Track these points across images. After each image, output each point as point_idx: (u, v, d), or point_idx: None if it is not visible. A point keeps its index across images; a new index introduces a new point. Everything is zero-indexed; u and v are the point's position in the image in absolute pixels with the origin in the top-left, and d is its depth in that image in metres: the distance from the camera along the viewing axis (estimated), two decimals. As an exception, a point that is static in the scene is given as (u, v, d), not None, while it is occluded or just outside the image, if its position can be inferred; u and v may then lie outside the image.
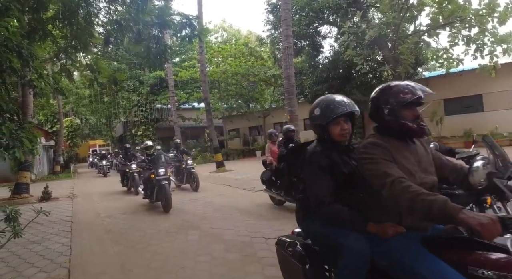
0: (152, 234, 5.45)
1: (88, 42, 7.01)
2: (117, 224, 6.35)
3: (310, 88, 18.12)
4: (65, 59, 7.91)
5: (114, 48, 9.02)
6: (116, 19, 6.87)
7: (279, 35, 16.29)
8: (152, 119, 26.59)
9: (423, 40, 12.94)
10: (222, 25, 36.24)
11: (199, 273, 3.68)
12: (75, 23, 6.38)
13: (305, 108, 21.50)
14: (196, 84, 24.77)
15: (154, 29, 6.68)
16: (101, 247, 4.94)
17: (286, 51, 10.77)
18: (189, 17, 6.73)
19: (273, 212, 6.34)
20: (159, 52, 6.91)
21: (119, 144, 34.17)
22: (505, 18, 10.13)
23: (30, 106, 10.15)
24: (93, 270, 3.98)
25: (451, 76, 15.37)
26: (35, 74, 5.11)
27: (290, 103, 10.85)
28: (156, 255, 4.38)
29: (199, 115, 25.61)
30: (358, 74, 15.55)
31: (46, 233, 5.64)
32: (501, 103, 14.74)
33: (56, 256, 4.43)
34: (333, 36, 18.50)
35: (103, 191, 12.08)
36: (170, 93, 20.79)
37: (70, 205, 8.66)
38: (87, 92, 25.30)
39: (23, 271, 3.95)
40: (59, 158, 21.78)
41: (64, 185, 13.84)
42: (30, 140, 4.15)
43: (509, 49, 10.57)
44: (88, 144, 43.80)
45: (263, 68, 22.14)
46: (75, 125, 27.01)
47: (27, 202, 8.87)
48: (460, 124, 15.29)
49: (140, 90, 25.88)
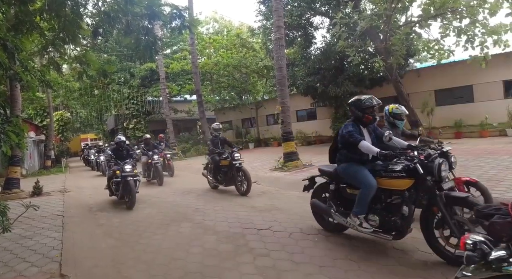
0: (144, 227, 5.45)
1: (76, 34, 6.87)
2: (109, 218, 6.33)
3: (302, 80, 18.09)
4: (53, 51, 7.76)
5: (103, 40, 8.86)
6: (105, 10, 6.74)
7: (271, 26, 16.18)
8: (144, 112, 26.35)
9: (415, 31, 12.97)
10: (213, 16, 35.84)
11: (191, 264, 3.69)
12: (63, 14, 6.24)
13: (297, 100, 21.55)
14: (188, 76, 24.55)
15: (144, 20, 6.57)
16: (92, 241, 4.93)
17: (277, 42, 10.73)
18: (179, 8, 6.62)
19: (265, 203, 6.37)
20: (149, 44, 6.80)
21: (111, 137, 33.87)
22: (495, 9, 10.17)
23: (18, 100, 9.97)
24: (85, 264, 3.97)
25: (442, 67, 15.47)
26: (20, 67, 5.00)
27: (282, 94, 10.85)
28: (148, 247, 4.39)
29: (191, 107, 25.46)
30: (350, 65, 15.54)
31: (38, 228, 5.60)
32: (491, 94, 14.89)
33: (47, 250, 4.40)
34: (325, 27, 18.44)
35: (95, 185, 12.00)
36: (162, 86, 20.61)
37: (62, 199, 8.59)
38: (77, 85, 24.86)
39: (15, 266, 3.93)
40: (50, 153, 21.52)
41: (56, 180, 13.72)
42: (17, 134, 4.09)
43: (499, 40, 10.63)
44: (80, 138, 43.42)
45: (255, 59, 22.01)
46: (66, 119, 26.68)
47: (18, 197, 8.77)
48: (450, 114, 15.44)
49: (131, 82, 25.59)
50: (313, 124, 22.18)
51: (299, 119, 23.49)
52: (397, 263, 3.31)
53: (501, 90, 14.77)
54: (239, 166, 7.49)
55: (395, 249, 3.64)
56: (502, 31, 10.39)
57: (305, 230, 4.52)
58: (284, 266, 3.46)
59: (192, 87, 22.02)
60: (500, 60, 13.85)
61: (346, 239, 4.09)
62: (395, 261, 3.36)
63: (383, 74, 16.05)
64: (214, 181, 8.25)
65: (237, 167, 7.47)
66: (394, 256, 3.47)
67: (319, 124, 21.67)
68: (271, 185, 8.38)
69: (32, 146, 19.72)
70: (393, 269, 3.18)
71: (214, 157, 8.10)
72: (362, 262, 3.40)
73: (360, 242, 3.94)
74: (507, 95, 14.66)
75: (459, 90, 15.97)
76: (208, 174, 8.55)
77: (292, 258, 3.63)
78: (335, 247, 3.85)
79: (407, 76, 16.67)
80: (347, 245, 3.91)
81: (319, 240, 4.14)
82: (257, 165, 12.08)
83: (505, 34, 10.45)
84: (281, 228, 4.70)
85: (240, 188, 7.50)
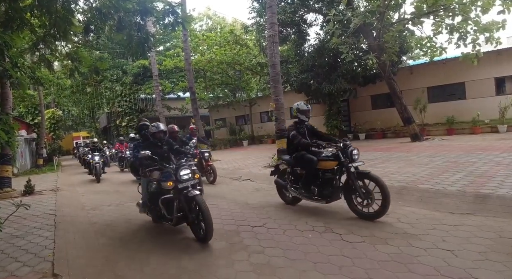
0: (137, 225, 5.42)
1: (67, 31, 6.77)
2: (102, 216, 6.29)
3: (296, 77, 18.10)
4: (44, 48, 7.64)
5: (95, 36, 8.73)
6: (96, 6, 6.65)
7: (264, 22, 16.15)
8: (137, 110, 26.17)
9: (407, 29, 13.04)
10: (206, 13, 35.66)
11: (186, 262, 3.68)
12: (54, 11, 6.15)
13: (291, 97, 21.61)
14: (181, 73, 24.41)
15: (136, 17, 6.49)
16: (85, 240, 4.89)
17: (271, 39, 10.69)
18: (172, 4, 6.55)
19: (259, 200, 6.37)
20: (141, 41, 6.72)
21: (103, 135, 33.58)
22: (488, 6, 10.25)
23: (9, 98, 9.84)
24: (78, 263, 3.93)
25: (435, 64, 15.59)
26: (9, 64, 4.91)
27: (276, 91, 10.84)
28: (141, 246, 4.36)
29: (184, 105, 25.33)
30: (344, 62, 15.58)
31: (30, 227, 5.53)
32: (483, 91, 15.05)
33: (39, 249, 4.35)
34: (319, 24, 18.46)
35: (87, 183, 11.91)
36: (155, 83, 20.44)
37: (54, 198, 8.49)
38: (69, 82, 24.58)
39: (7, 266, 3.87)
40: (42, 151, 21.26)
41: (48, 178, 13.58)
42: (7, 132, 4.02)
43: (491, 38, 10.72)
44: (72, 136, 42.98)
45: (248, 56, 21.95)
46: (58, 116, 26.36)
47: (9, 197, 8.65)
48: (443, 111, 15.59)
49: (123, 80, 25.37)
50: (307, 121, 22.20)
51: (292, 116, 23.51)
52: (390, 259, 3.33)
53: (492, 87, 14.94)
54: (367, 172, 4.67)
55: (388, 245, 3.66)
56: (494, 28, 10.48)
57: (299, 227, 4.52)
58: (279, 263, 3.46)
59: (186, 84, 21.90)
60: (492, 57, 14.00)
61: (340, 235, 4.10)
62: (389, 257, 3.38)
63: (376, 71, 16.13)
64: (308, 194, 5.17)
65: (365, 174, 4.64)
66: (388, 253, 3.49)
67: (313, 121, 21.49)
68: (265, 182, 8.38)
69: (24, 144, 19.47)
70: (386, 265, 3.20)
71: (307, 157, 5.05)
72: (356, 258, 3.41)
73: (355, 238, 3.96)
74: (499, 92, 14.84)
75: (452, 87, 16.13)
76: (289, 184, 5.64)
77: (287, 255, 3.63)
78: (329, 244, 3.87)
79: (400, 73, 16.78)
80: (341, 241, 3.92)
81: (313, 236, 4.15)
82: (251, 162, 12.07)
83: (497, 31, 10.53)
84: (275, 225, 4.71)
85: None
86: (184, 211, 4.38)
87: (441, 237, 3.78)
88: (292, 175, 5.64)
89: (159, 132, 5.23)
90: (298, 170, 5.45)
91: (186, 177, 4.46)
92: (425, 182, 6.05)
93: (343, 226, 4.43)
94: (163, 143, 5.31)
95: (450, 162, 7.81)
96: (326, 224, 4.55)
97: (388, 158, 9.47)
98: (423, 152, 10.00)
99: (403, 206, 5.14)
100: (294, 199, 5.75)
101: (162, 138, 5.31)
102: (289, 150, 5.60)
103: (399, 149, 11.35)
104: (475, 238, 3.65)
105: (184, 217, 4.43)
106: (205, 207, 4.14)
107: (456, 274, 2.91)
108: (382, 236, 3.93)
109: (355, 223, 4.50)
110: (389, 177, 6.79)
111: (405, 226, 4.25)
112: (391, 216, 4.62)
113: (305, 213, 5.23)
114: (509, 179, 5.53)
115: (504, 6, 9.76)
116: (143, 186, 5.27)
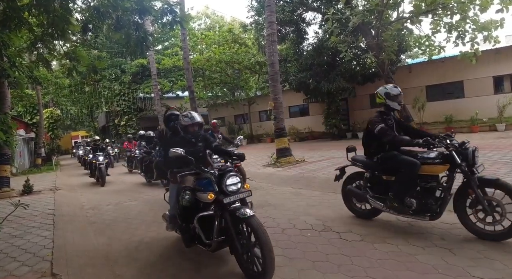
0: (136, 224, 5.42)
1: (65, 30, 6.75)
2: (101, 216, 6.28)
3: (295, 76, 18.11)
4: (42, 48, 7.62)
5: (93, 35, 8.71)
6: (94, 5, 6.64)
7: (263, 21, 16.12)
8: (136, 109, 26.09)
9: (406, 27, 13.04)
10: (205, 12, 35.61)
11: (185, 262, 3.68)
12: (52, 10, 6.13)
13: (290, 96, 21.55)
14: (180, 72, 24.34)
15: (134, 16, 6.48)
16: (84, 239, 4.88)
17: (270, 38, 10.69)
18: (170, 2, 6.55)
19: (259, 199, 6.37)
20: (139, 39, 6.71)
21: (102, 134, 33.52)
22: (486, 5, 10.25)
23: (7, 98, 9.81)
24: (77, 262, 3.93)
25: (433, 63, 15.61)
26: (7, 63, 4.90)
27: (275, 90, 10.83)
28: (141, 245, 4.36)
29: (183, 104, 25.29)
30: (342, 61, 15.58)
31: (28, 227, 5.52)
32: (481, 90, 15.08)
33: (38, 249, 4.34)
34: (318, 23, 18.44)
35: (86, 183, 11.89)
36: (153, 82, 20.41)
37: (53, 197, 8.48)
38: (67, 82, 24.51)
39: (5, 266, 3.87)
40: (41, 151, 21.22)
41: (46, 178, 13.54)
42: (5, 131, 4.01)
43: (489, 36, 10.74)
44: (70, 136, 42.96)
45: (247, 55, 21.93)
46: (56, 116, 26.31)
47: (8, 196, 8.63)
48: (441, 110, 15.61)
49: (122, 79, 25.28)
50: (306, 120, 22.25)
51: (291, 115, 23.53)
52: (389, 257, 3.34)
53: (491, 85, 14.96)
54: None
55: (387, 243, 3.66)
56: (493, 27, 10.49)
57: (298, 226, 4.53)
58: (278, 261, 3.46)
59: (184, 83, 21.86)
60: (490, 56, 14.01)
61: (339, 234, 4.11)
62: (388, 255, 3.39)
63: (375, 70, 16.14)
64: (401, 207, 4.01)
65: (492, 181, 3.64)
66: (387, 251, 3.49)
67: (312, 120, 21.74)
68: (264, 181, 8.39)
69: (22, 144, 19.44)
70: (385, 264, 3.21)
71: (406, 160, 3.93)
72: (355, 257, 3.42)
73: (354, 237, 3.97)
74: (497, 90, 14.87)
75: (450, 85, 16.15)
76: (370, 194, 4.40)
77: (285, 254, 3.64)
78: (328, 243, 3.87)
79: (399, 72, 16.78)
80: (340, 240, 3.93)
81: (312, 235, 4.16)
82: (250, 161, 12.07)
83: (495, 30, 10.54)
84: (274, 224, 4.71)
85: None
86: (228, 234, 3.18)
87: (439, 235, 3.79)
88: (371, 182, 4.44)
89: (193, 125, 3.93)
90: (384, 176, 4.27)
91: (234, 188, 3.25)
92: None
93: (341, 224, 4.44)
94: (198, 139, 4.06)
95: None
96: (325, 223, 4.56)
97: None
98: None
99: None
100: (372, 212, 4.56)
101: (198, 133, 4.05)
102: (369, 149, 4.45)
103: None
104: (473, 236, 3.66)
105: (227, 240, 3.25)
106: (263, 233, 2.92)
107: (455, 272, 2.92)
108: (381, 235, 3.94)
109: (354, 222, 4.51)
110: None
111: (403, 224, 4.26)
112: (390, 214, 4.63)
113: (304, 212, 5.24)
114: (508, 178, 5.53)
115: (503, 5, 9.78)
116: (171, 194, 4.02)
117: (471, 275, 2.85)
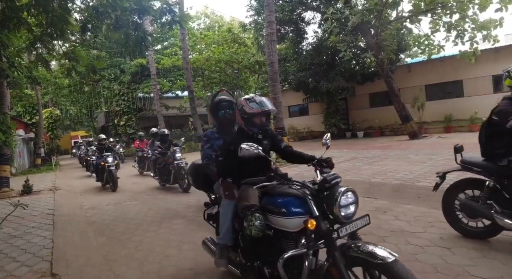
0: (136, 224, 5.42)
1: (64, 30, 6.75)
2: (101, 216, 6.28)
3: (294, 75, 18.10)
4: (41, 48, 7.62)
5: (92, 35, 8.71)
6: (93, 5, 6.64)
7: (262, 21, 16.11)
8: (135, 109, 26.10)
9: (405, 27, 13.04)
10: (204, 11, 35.60)
11: (184, 261, 3.68)
12: (51, 10, 6.13)
13: (289, 95, 21.54)
14: (179, 72, 24.35)
15: (133, 15, 6.48)
16: (84, 239, 4.88)
17: (269, 38, 10.69)
18: (169, 2, 6.55)
19: (258, 199, 6.36)
20: (139, 39, 6.72)
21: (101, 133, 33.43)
22: (485, 4, 10.26)
23: (6, 98, 9.81)
24: (76, 262, 3.93)
25: (432, 62, 15.60)
26: (6, 63, 4.90)
27: (274, 90, 10.82)
28: (140, 245, 4.36)
29: (182, 103, 25.29)
30: (342, 60, 15.57)
31: (28, 227, 5.52)
32: (480, 89, 15.07)
33: (38, 249, 4.34)
34: (317, 22, 18.43)
35: (86, 183, 11.88)
36: (153, 82, 20.43)
37: (52, 198, 8.48)
38: (66, 82, 24.52)
39: (5, 266, 3.87)
40: (40, 151, 21.22)
41: (46, 178, 13.54)
42: (4, 132, 4.01)
43: (489, 36, 10.74)
44: (70, 136, 42.93)
45: (246, 55, 21.92)
46: (55, 116, 26.31)
47: (7, 197, 8.61)
48: (441, 109, 15.60)
49: (121, 79, 25.28)
50: (305, 119, 22.25)
51: (291, 114, 23.53)
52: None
53: (490, 84, 14.95)
54: None
55: (386, 243, 3.66)
56: (492, 26, 10.50)
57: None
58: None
59: (184, 83, 21.85)
60: (489, 55, 14.01)
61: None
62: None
63: (374, 69, 16.14)
64: None
65: None
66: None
67: (311, 119, 21.74)
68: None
69: (22, 144, 19.42)
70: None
71: None
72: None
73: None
74: (497, 89, 14.85)
75: (449, 85, 16.14)
76: (495, 208, 3.42)
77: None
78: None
79: (398, 71, 16.77)
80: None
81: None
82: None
83: (494, 29, 10.55)
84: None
85: None
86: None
87: (438, 234, 3.78)
88: (495, 193, 3.26)
89: (262, 113, 2.61)
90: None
91: (349, 212, 2.08)
92: (423, 179, 6.07)
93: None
94: (266, 134, 2.74)
95: (448, 160, 7.82)
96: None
97: (386, 156, 9.48)
98: (421, 150, 10.02)
99: (401, 204, 5.14)
100: (488, 230, 3.43)
101: (266, 127, 2.69)
102: (492, 149, 3.38)
103: (397, 147, 11.37)
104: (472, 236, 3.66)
105: None
106: None
107: (454, 271, 2.91)
108: (380, 234, 3.94)
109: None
110: (387, 175, 6.81)
111: (403, 223, 4.26)
112: (389, 213, 4.64)
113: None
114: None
115: (502, 4, 9.79)
116: (224, 214, 2.71)
117: (471, 274, 2.85)
